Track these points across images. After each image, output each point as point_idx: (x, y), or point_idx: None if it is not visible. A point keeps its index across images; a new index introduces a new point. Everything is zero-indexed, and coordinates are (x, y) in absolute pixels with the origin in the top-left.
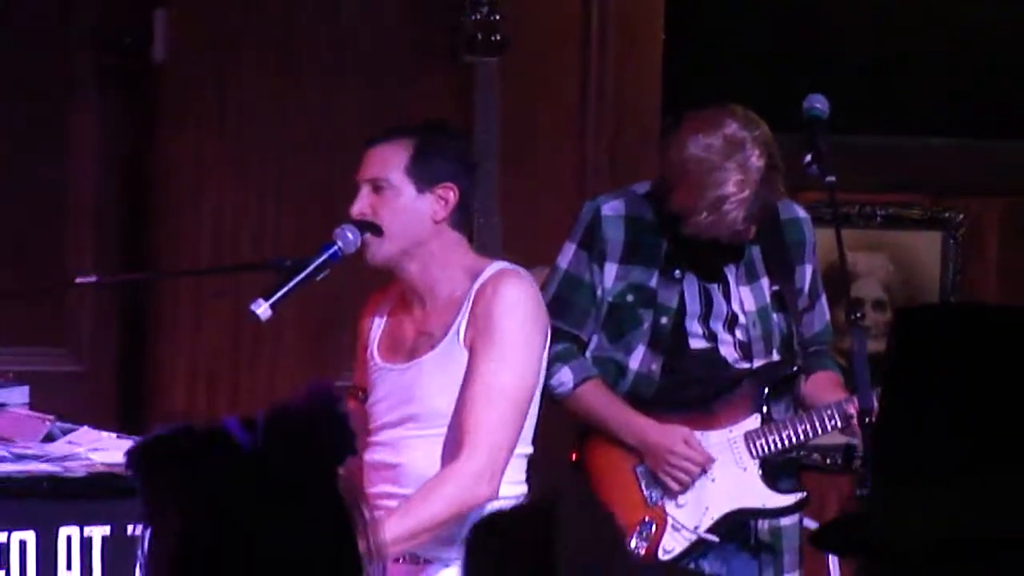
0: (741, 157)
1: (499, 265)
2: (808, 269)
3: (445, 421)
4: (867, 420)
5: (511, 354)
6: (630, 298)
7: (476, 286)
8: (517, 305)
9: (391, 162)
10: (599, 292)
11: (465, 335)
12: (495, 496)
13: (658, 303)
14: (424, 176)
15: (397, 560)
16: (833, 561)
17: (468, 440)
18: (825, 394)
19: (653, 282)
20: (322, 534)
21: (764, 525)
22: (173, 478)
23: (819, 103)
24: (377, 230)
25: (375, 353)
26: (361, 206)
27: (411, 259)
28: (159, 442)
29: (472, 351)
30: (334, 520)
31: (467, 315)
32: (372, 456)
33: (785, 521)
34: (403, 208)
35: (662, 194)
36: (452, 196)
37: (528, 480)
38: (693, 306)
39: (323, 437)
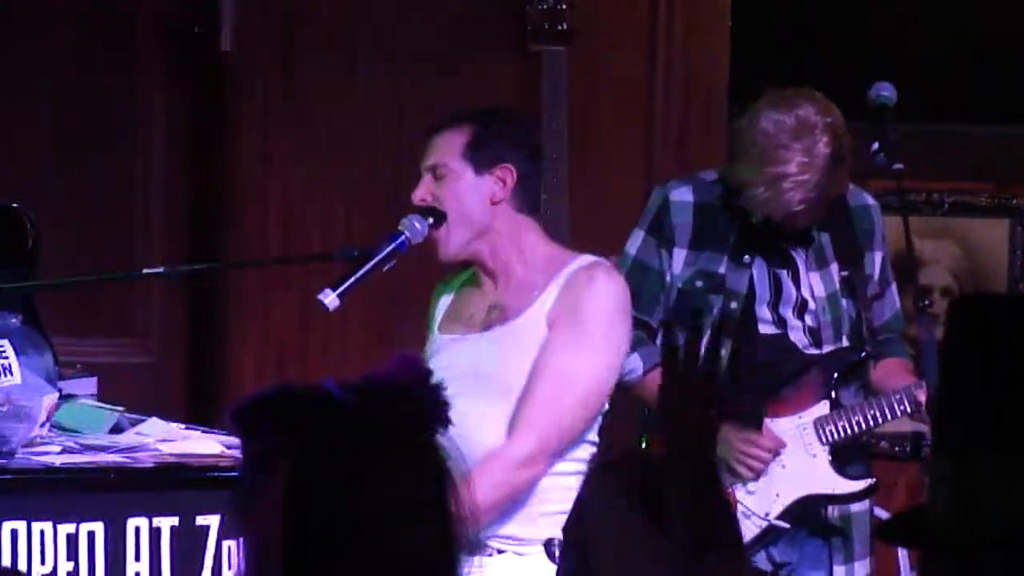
0: (809, 140)
1: (592, 257)
2: (878, 256)
3: (512, 395)
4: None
5: (589, 344)
6: (699, 284)
7: (569, 270)
8: (608, 298)
9: (449, 147)
10: (668, 278)
11: (549, 312)
12: (539, 477)
13: (727, 288)
14: (481, 159)
15: None
16: (903, 550)
17: (523, 420)
18: (895, 380)
19: (722, 268)
20: (421, 491)
21: (834, 511)
22: (281, 433)
23: (886, 90)
24: (439, 215)
25: (436, 328)
26: (422, 192)
27: (480, 243)
28: (263, 400)
29: (553, 333)
30: (432, 480)
31: (555, 295)
32: None
33: (855, 508)
34: (462, 191)
35: (727, 167)
36: (510, 178)
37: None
38: (762, 291)
39: (418, 400)
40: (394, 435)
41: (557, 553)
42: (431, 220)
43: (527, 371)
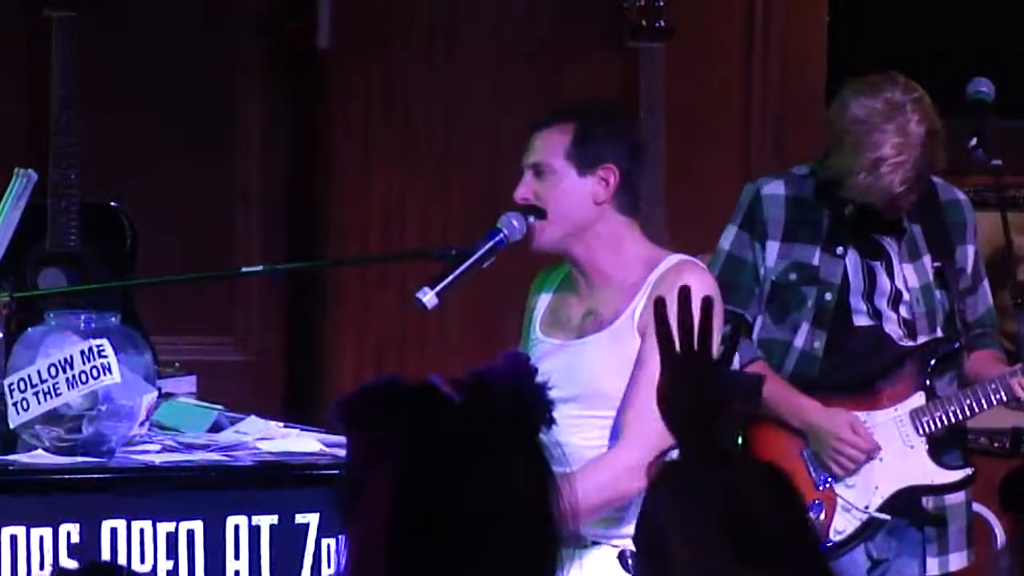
0: (901, 120)
1: (681, 256)
2: (970, 250)
3: (607, 403)
4: None
5: None
6: (793, 276)
7: (656, 273)
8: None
9: (552, 147)
10: (762, 271)
11: (639, 321)
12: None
13: (821, 279)
14: (585, 159)
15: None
16: (1000, 542)
17: (627, 431)
18: (989, 370)
19: (816, 259)
20: (525, 489)
21: (929, 503)
22: (389, 426)
23: (984, 86)
24: (541, 214)
25: (537, 329)
26: (524, 191)
27: (576, 242)
28: (371, 393)
29: (644, 340)
30: (539, 482)
31: (644, 301)
32: None
33: (950, 499)
34: (565, 192)
35: (823, 160)
36: (613, 178)
37: None
38: (856, 282)
39: (526, 400)
40: (501, 432)
41: (631, 563)
42: (531, 218)
43: (621, 377)
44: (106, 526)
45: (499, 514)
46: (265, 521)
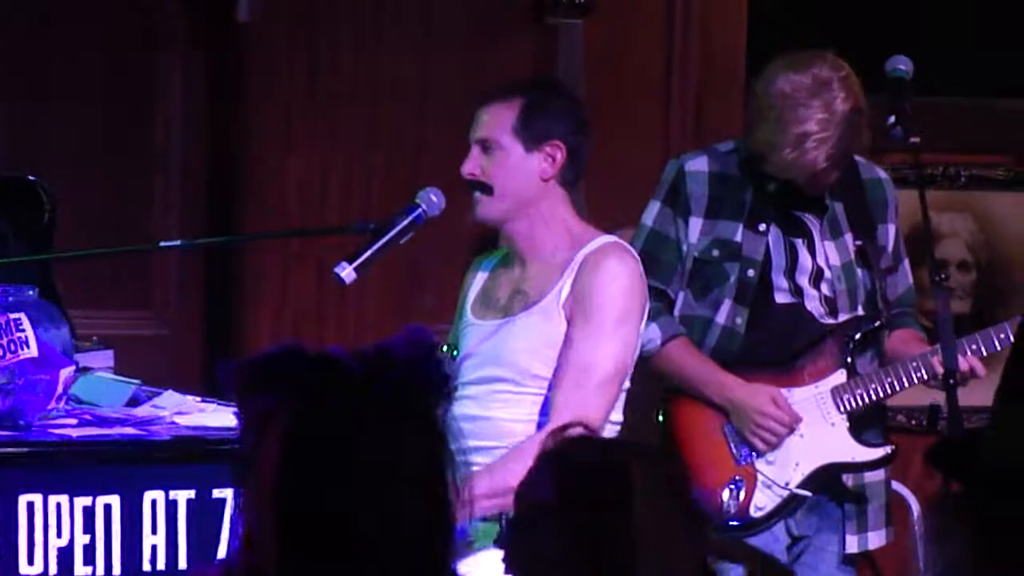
0: (828, 96)
1: (607, 238)
2: (891, 229)
3: (535, 381)
4: (951, 381)
5: (608, 331)
6: (715, 252)
7: (581, 255)
8: (619, 282)
9: (499, 123)
10: (684, 247)
11: (564, 303)
12: None
13: (744, 256)
14: (532, 135)
15: (486, 518)
16: (917, 520)
17: (555, 414)
18: (910, 348)
19: (738, 236)
20: (418, 468)
21: (849, 480)
22: (278, 391)
23: (902, 64)
24: (488, 189)
25: (468, 310)
26: (471, 166)
27: (519, 217)
28: (262, 360)
29: (570, 323)
30: (431, 457)
31: (569, 283)
32: (459, 409)
33: (870, 477)
34: (512, 168)
35: (746, 134)
36: (560, 154)
37: None
38: (778, 259)
39: (424, 374)
40: (394, 403)
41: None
42: (478, 192)
43: (547, 356)
44: (23, 500)
45: (387, 485)
46: (182, 496)
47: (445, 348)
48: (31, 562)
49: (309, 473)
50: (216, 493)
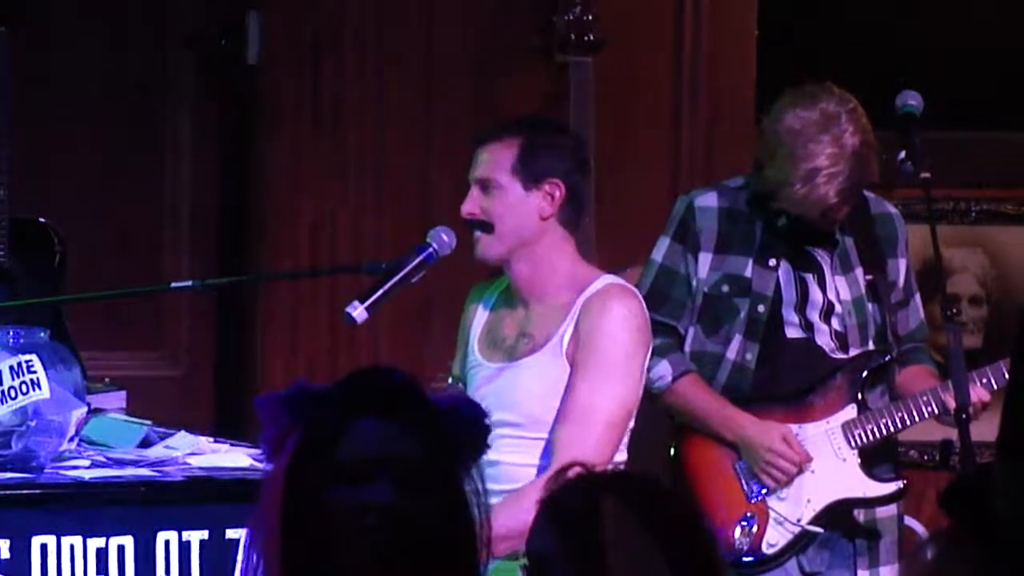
0: (836, 131)
1: (608, 279)
2: (902, 264)
3: (541, 425)
4: (963, 416)
5: (612, 375)
6: (725, 288)
7: (583, 298)
8: (622, 325)
9: (498, 162)
10: (694, 283)
11: (567, 347)
12: None
13: (754, 291)
14: (530, 174)
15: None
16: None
17: (557, 457)
18: (920, 383)
19: (748, 271)
20: (445, 514)
21: (861, 516)
22: (289, 421)
23: (912, 99)
24: (488, 228)
25: (475, 348)
26: (470, 206)
27: (519, 258)
28: (292, 390)
29: (573, 367)
30: (459, 504)
31: (572, 327)
32: None
33: (881, 512)
34: (511, 207)
35: (755, 172)
36: (558, 192)
37: None
38: (789, 294)
39: (464, 429)
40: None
41: None
42: (478, 232)
43: (552, 401)
44: (36, 542)
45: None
46: (195, 536)
47: (450, 380)
48: None
49: (307, 507)
50: (230, 533)
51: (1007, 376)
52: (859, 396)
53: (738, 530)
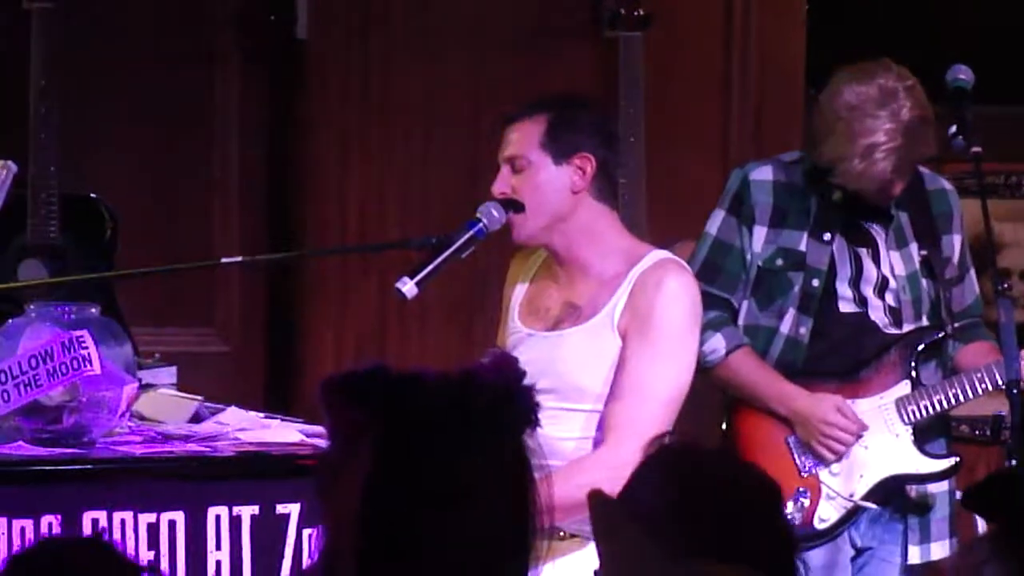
0: (894, 107)
1: (660, 254)
2: (956, 239)
3: (584, 396)
4: (1015, 391)
5: (668, 351)
6: (779, 262)
7: (636, 272)
8: (678, 301)
9: (527, 139)
10: (748, 256)
11: (619, 321)
12: None
13: (808, 265)
14: (560, 149)
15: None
16: (982, 530)
17: (615, 433)
18: (984, 359)
19: (803, 245)
20: (506, 485)
21: (913, 491)
22: (368, 408)
23: (963, 73)
24: (519, 207)
25: (516, 317)
26: (501, 185)
27: (556, 233)
28: (354, 376)
29: (627, 342)
30: (518, 476)
31: (624, 301)
32: None
33: (933, 488)
34: (542, 183)
35: (811, 147)
36: (589, 166)
37: None
38: (843, 269)
39: (511, 401)
40: (482, 428)
41: None
42: (511, 212)
43: (598, 373)
44: (87, 517)
45: (471, 511)
46: (246, 511)
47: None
48: None
49: (395, 492)
50: (280, 509)
51: None
52: (913, 372)
53: (790, 505)
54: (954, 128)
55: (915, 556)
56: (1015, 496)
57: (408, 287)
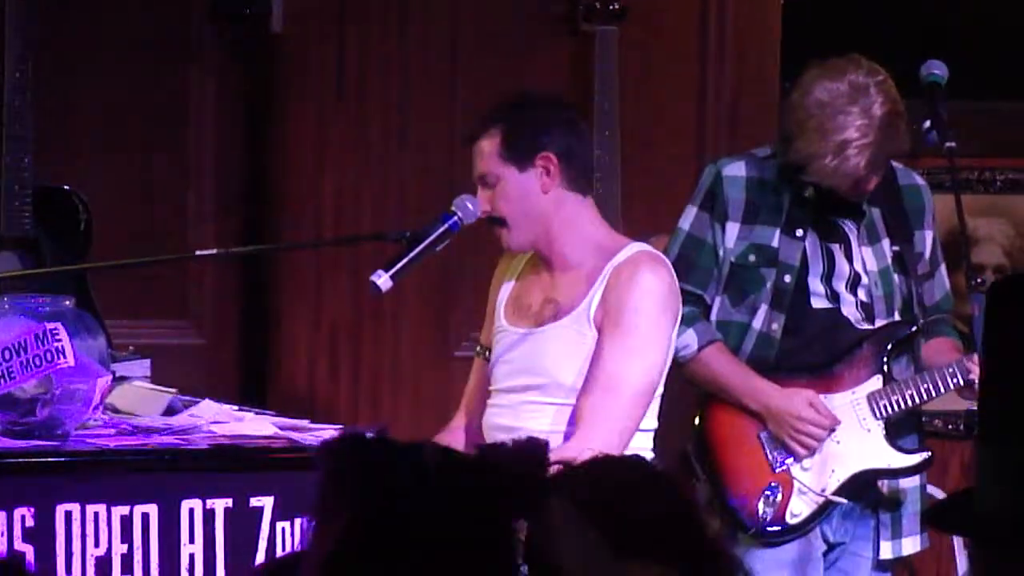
0: (865, 102)
1: (637, 247)
2: (928, 235)
3: (563, 391)
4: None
5: (640, 344)
6: (752, 258)
7: (611, 266)
8: (650, 295)
9: (488, 155)
10: (721, 252)
11: (595, 314)
12: None
13: (780, 261)
14: (519, 156)
15: None
16: None
17: (583, 425)
18: (946, 356)
19: (775, 241)
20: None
21: (885, 486)
22: (347, 485)
23: (937, 69)
24: (502, 222)
25: (501, 314)
26: (483, 204)
27: (543, 234)
28: (346, 444)
29: (601, 334)
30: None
31: (600, 294)
32: (492, 418)
33: (905, 483)
34: (513, 193)
35: (783, 145)
36: (551, 164)
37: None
38: (815, 265)
39: (513, 491)
40: (463, 517)
41: None
42: (498, 227)
43: (577, 367)
44: (60, 510)
45: None
46: (220, 504)
47: (478, 349)
48: (69, 571)
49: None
50: (254, 502)
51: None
52: (884, 367)
53: (762, 500)
54: (928, 123)
55: (887, 551)
56: (971, 515)
57: (383, 280)
